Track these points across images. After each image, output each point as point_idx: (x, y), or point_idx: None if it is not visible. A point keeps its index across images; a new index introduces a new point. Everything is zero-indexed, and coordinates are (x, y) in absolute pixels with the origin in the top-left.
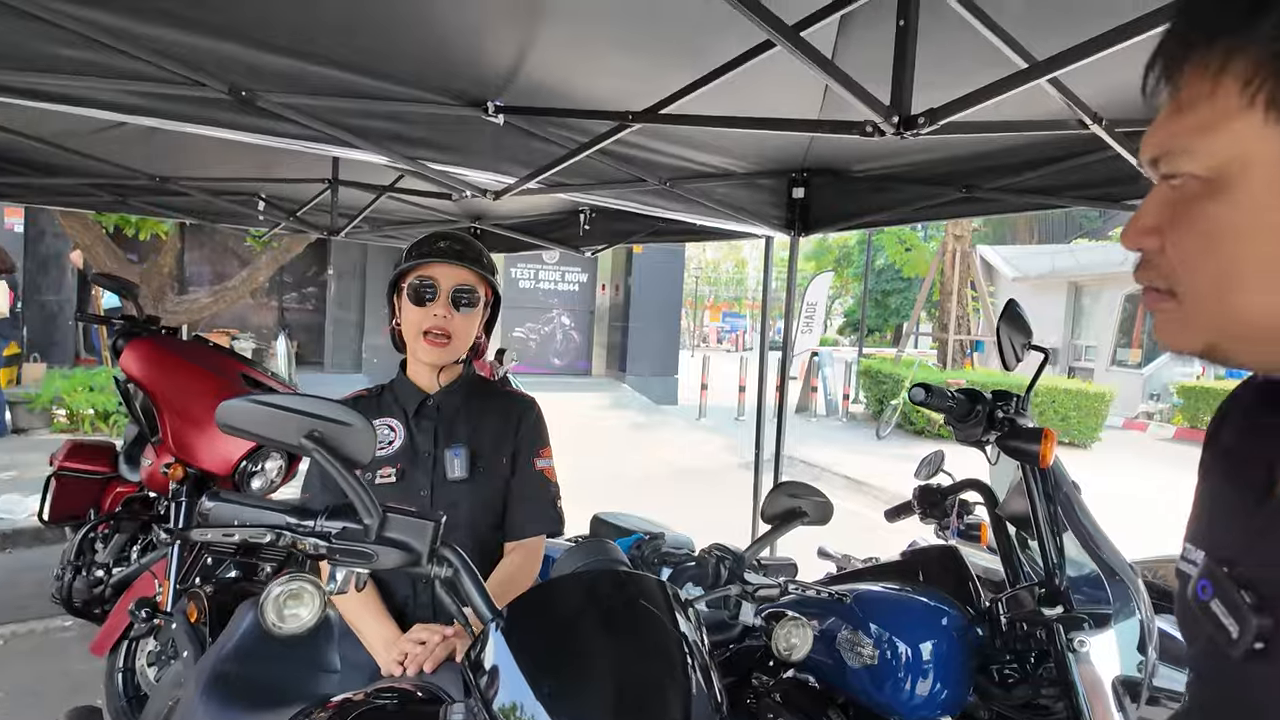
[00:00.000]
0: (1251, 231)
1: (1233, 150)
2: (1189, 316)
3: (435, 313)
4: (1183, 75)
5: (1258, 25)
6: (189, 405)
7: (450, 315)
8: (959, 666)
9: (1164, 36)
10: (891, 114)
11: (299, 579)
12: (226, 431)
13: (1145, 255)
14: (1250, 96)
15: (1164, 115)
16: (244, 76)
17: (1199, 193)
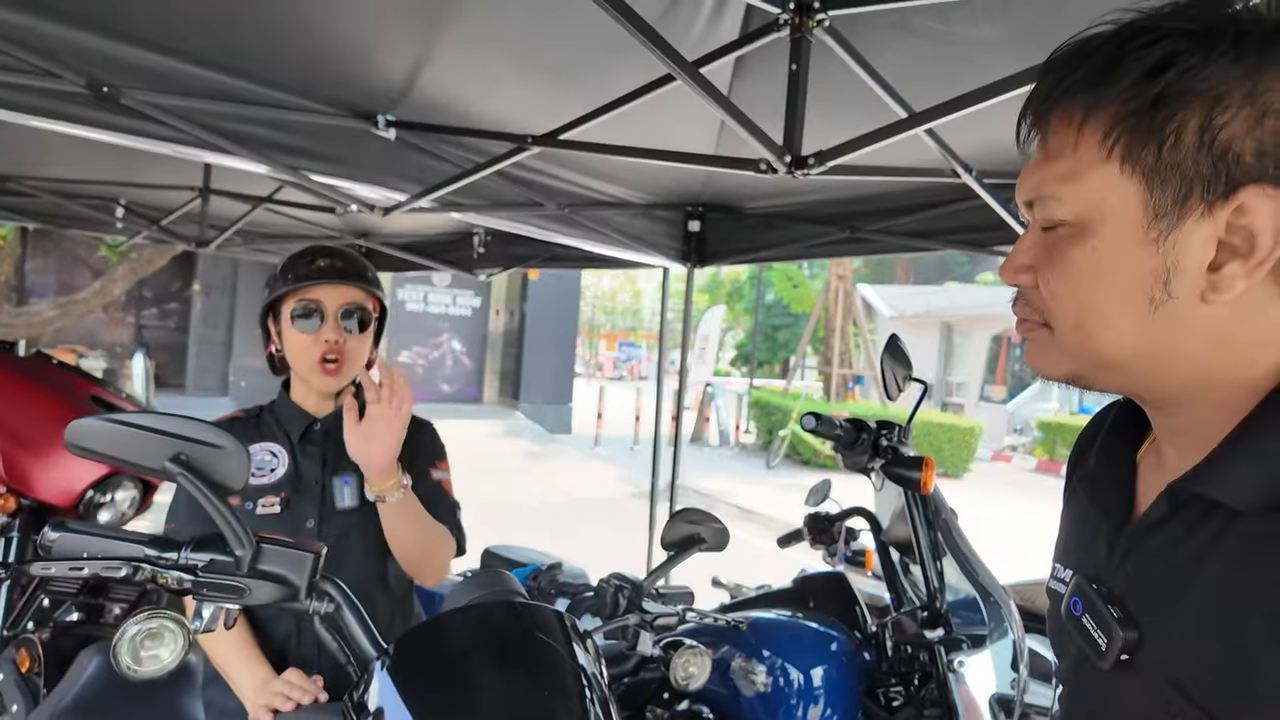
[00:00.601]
0: (1109, 272)
1: (1093, 198)
2: (1058, 346)
3: (326, 338)
4: (1049, 126)
5: (1113, 84)
6: (25, 428)
7: (342, 338)
8: (848, 691)
9: (1033, 89)
10: (784, 153)
11: (158, 616)
12: (77, 454)
13: (1021, 290)
14: (1108, 149)
15: (1035, 161)
16: (105, 70)
17: (1066, 236)
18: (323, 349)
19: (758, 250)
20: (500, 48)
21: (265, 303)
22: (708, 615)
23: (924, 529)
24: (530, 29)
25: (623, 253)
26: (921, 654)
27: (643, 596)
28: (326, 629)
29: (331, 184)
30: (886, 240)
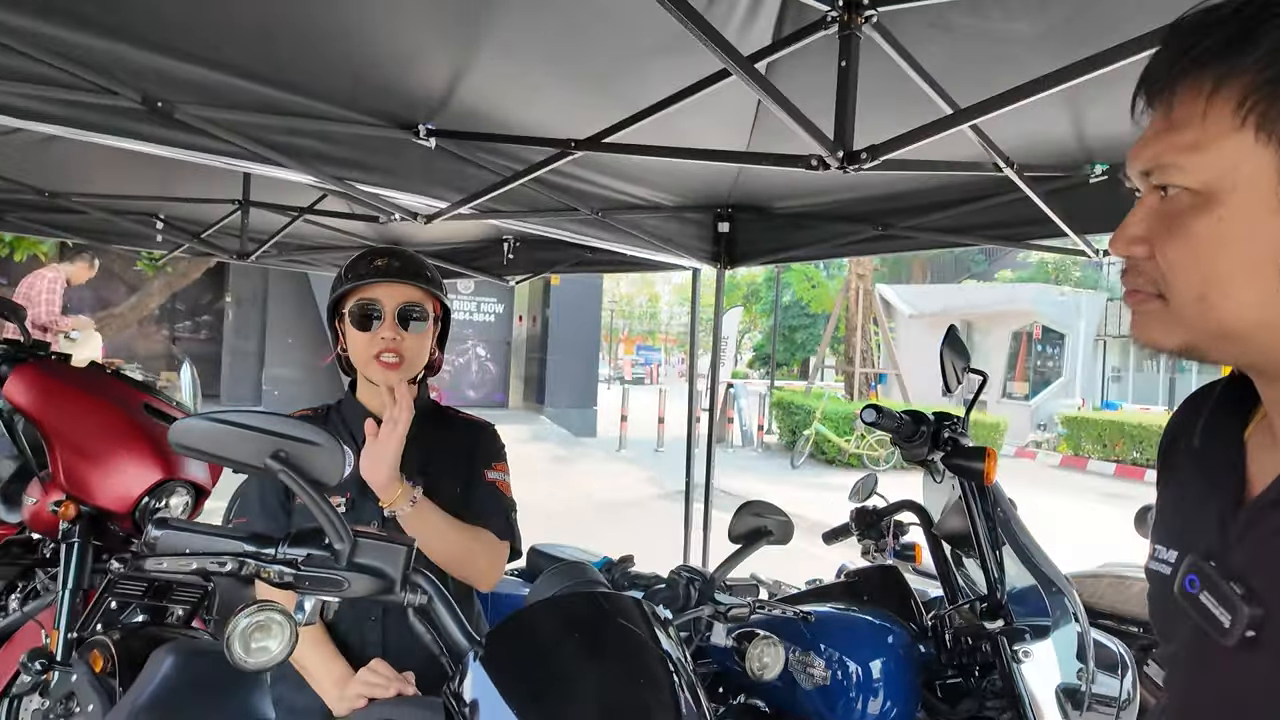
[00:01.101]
0: (1237, 242)
1: (1222, 167)
2: (1173, 317)
3: (383, 335)
4: (1175, 96)
5: (1247, 54)
6: (85, 438)
7: (400, 336)
8: (907, 684)
9: (1153, 60)
10: (836, 148)
11: (267, 609)
12: (181, 453)
13: (1132, 261)
14: (1242, 118)
15: (1154, 132)
16: (158, 85)
17: (1188, 206)
18: (380, 347)
19: (788, 250)
20: (538, 56)
21: (329, 303)
22: (776, 607)
23: (982, 520)
24: (567, 37)
25: (654, 255)
26: (984, 645)
27: (714, 588)
28: (419, 620)
29: (376, 193)
30: (920, 237)
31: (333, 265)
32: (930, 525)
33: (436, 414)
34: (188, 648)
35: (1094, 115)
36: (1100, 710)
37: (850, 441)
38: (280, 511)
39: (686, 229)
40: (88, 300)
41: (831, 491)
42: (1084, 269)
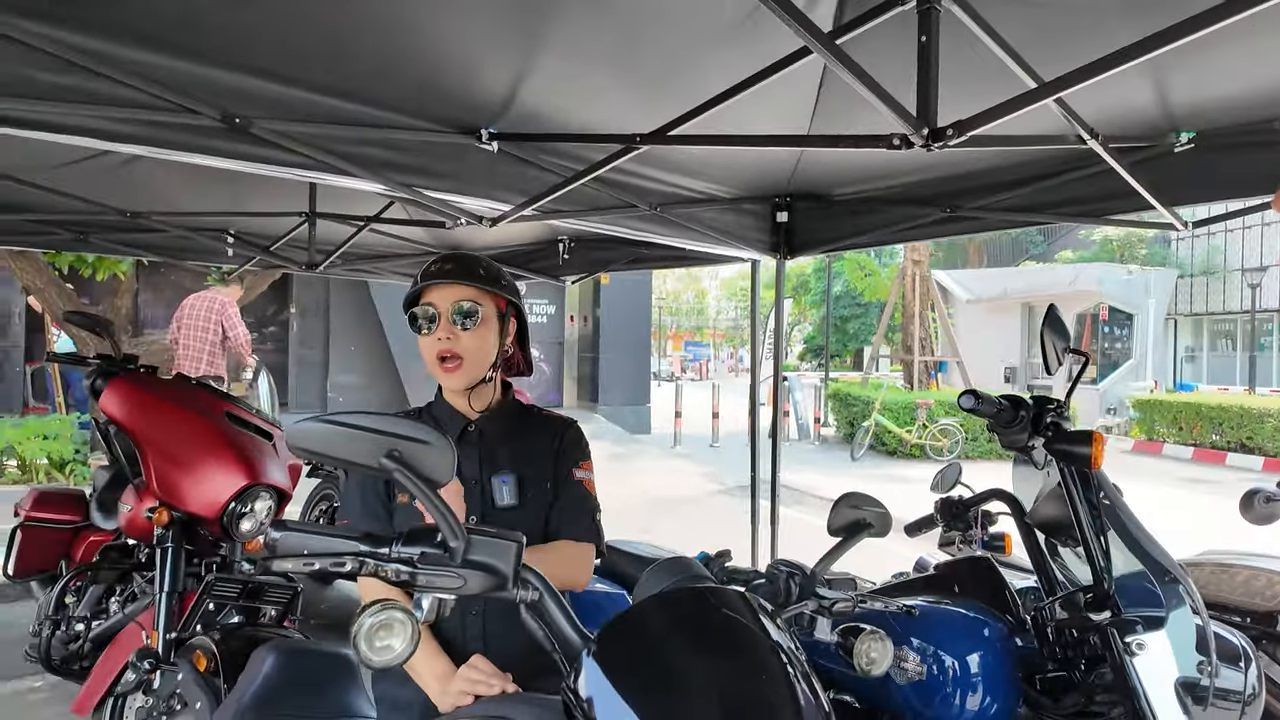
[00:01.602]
0: None
1: None
2: None
3: (439, 337)
4: None
5: None
6: (175, 446)
7: (454, 336)
8: (1006, 678)
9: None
10: (921, 126)
11: (389, 608)
12: (298, 455)
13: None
14: None
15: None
16: (235, 103)
17: None
18: (438, 349)
19: (850, 237)
20: (597, 55)
21: (407, 316)
22: (879, 601)
23: (1085, 507)
24: (626, 35)
25: (712, 248)
26: (1091, 638)
27: (815, 583)
28: (531, 616)
29: (443, 199)
30: (990, 217)
31: (394, 273)
32: (1022, 514)
33: (523, 413)
34: (287, 646)
35: (1179, 82)
36: (1222, 706)
37: (911, 432)
38: (381, 510)
39: (744, 220)
40: (160, 316)
41: (895, 483)
42: (1150, 246)
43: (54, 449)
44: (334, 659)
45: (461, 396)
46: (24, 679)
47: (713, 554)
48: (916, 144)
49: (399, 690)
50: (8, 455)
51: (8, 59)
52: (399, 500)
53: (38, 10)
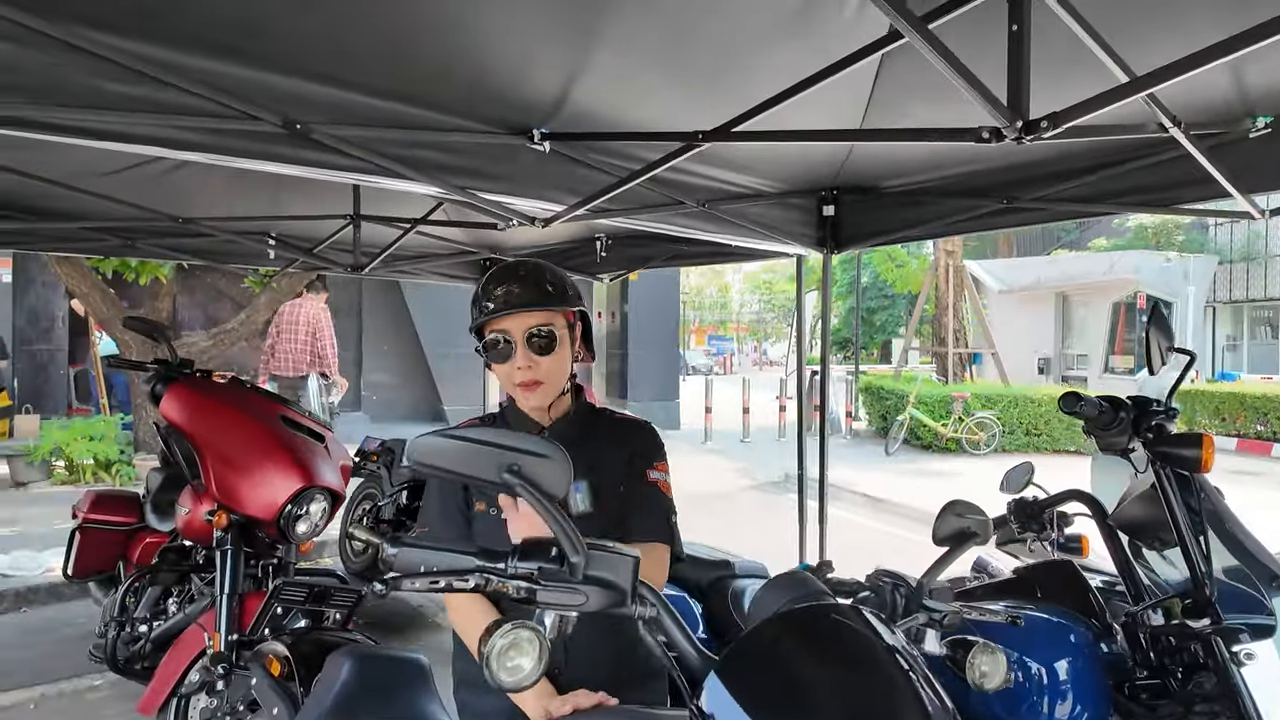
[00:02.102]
0: None
1: None
2: None
3: (518, 366)
4: None
5: None
6: (233, 450)
7: (533, 363)
8: (1095, 685)
9: None
10: (1014, 118)
11: (519, 627)
12: (419, 470)
13: None
14: None
15: None
16: (295, 108)
17: None
18: (518, 376)
19: (899, 230)
20: (651, 53)
21: (472, 330)
22: (985, 611)
23: (1183, 511)
24: (680, 31)
25: (758, 243)
26: (1192, 645)
27: (922, 594)
28: (650, 633)
29: (496, 200)
30: (1052, 208)
31: (433, 273)
32: (1104, 516)
33: (593, 415)
34: (361, 652)
35: (1255, 65)
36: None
37: (947, 426)
38: (461, 520)
39: (790, 214)
40: (198, 318)
41: (931, 478)
42: (1188, 232)
43: (100, 449)
44: (408, 664)
45: (539, 408)
46: (84, 677)
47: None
48: (1009, 137)
49: (479, 699)
50: (56, 456)
51: (80, 71)
52: (476, 509)
53: (108, 22)
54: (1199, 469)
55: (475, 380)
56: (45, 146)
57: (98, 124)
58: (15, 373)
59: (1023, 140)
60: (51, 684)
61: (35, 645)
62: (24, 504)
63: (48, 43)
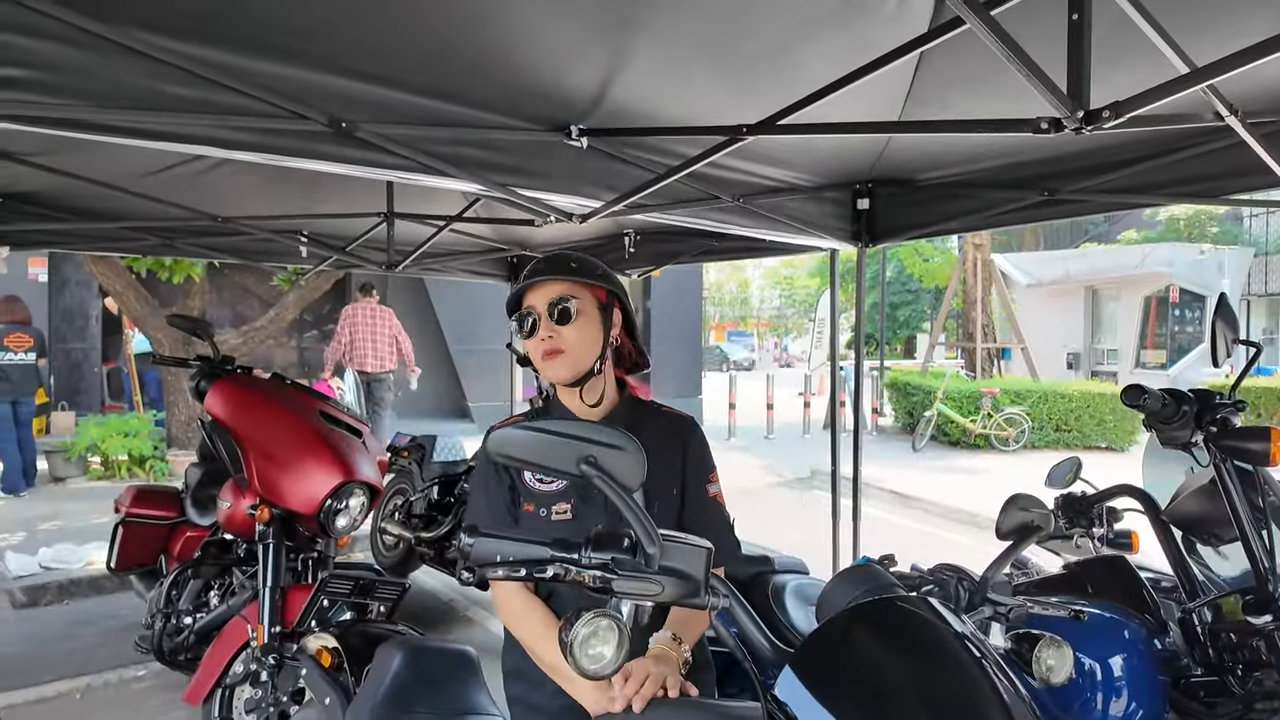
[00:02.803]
0: None
1: None
2: None
3: (541, 336)
4: None
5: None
6: (275, 445)
7: (554, 333)
8: (1150, 681)
9: None
10: (1075, 108)
11: (600, 616)
12: (501, 461)
13: None
14: None
15: None
16: (341, 107)
17: None
18: (542, 348)
19: (935, 224)
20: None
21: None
22: (1049, 605)
23: (1244, 505)
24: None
25: (793, 238)
26: (1254, 641)
27: (986, 588)
28: (723, 625)
29: (536, 197)
30: (1094, 200)
31: (463, 270)
32: (1157, 511)
33: (638, 408)
34: (412, 644)
35: None
36: None
37: (976, 422)
38: (508, 517)
39: (825, 208)
40: (227, 316)
41: (959, 474)
42: (1221, 224)
43: (134, 446)
44: (457, 656)
45: (572, 394)
46: (128, 668)
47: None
48: (1069, 127)
49: (533, 693)
50: (92, 452)
51: (136, 73)
52: (525, 509)
53: (165, 26)
54: (1267, 463)
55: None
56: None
57: (155, 125)
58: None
59: (1083, 130)
60: (97, 674)
61: (79, 636)
62: (63, 499)
63: (107, 46)
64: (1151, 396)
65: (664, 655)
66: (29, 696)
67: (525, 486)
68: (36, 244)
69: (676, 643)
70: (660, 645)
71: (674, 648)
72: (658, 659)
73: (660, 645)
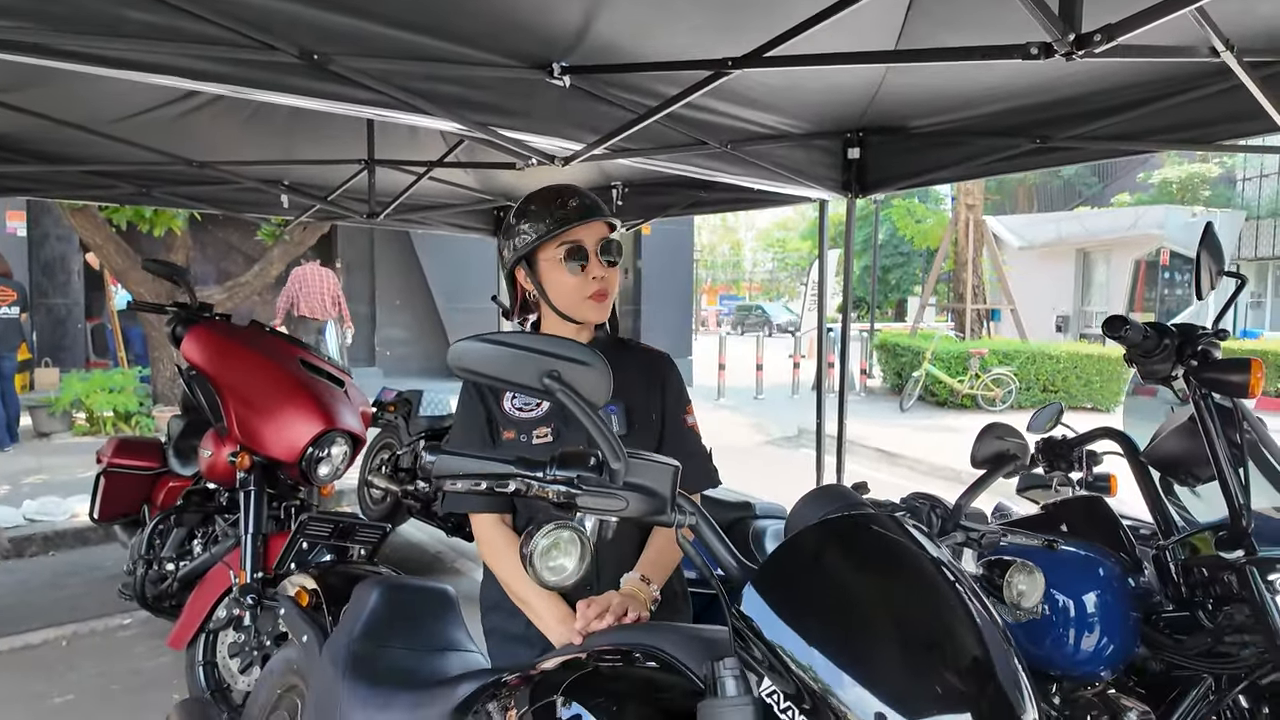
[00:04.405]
0: None
1: None
2: None
3: (594, 275)
4: None
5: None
6: (254, 393)
7: (606, 273)
8: (1123, 617)
9: None
10: (1066, 31)
11: (562, 527)
12: (461, 374)
13: None
14: None
15: None
16: (313, 39)
17: None
18: (592, 288)
19: (927, 172)
20: None
21: (522, 252)
22: (1020, 534)
23: (1222, 441)
24: None
25: (781, 187)
26: (1225, 576)
27: (960, 515)
28: (688, 544)
29: (517, 138)
30: (1088, 147)
31: (446, 223)
32: (1136, 452)
33: (619, 345)
34: (388, 582)
35: None
36: None
37: (964, 382)
38: (484, 443)
39: (814, 156)
40: (211, 272)
41: (946, 434)
42: (1215, 187)
43: (119, 401)
44: (434, 593)
45: (573, 331)
46: (113, 616)
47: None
48: (1059, 52)
49: (509, 623)
50: (76, 408)
51: None
52: (505, 437)
53: None
54: (1245, 394)
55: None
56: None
57: (117, 52)
58: (34, 326)
59: (1074, 56)
60: (82, 622)
61: (65, 586)
62: (48, 453)
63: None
64: (1133, 328)
65: (632, 594)
66: (15, 644)
67: (505, 414)
68: (6, 190)
69: (645, 583)
70: (629, 585)
71: (642, 588)
72: (625, 596)
73: (629, 585)
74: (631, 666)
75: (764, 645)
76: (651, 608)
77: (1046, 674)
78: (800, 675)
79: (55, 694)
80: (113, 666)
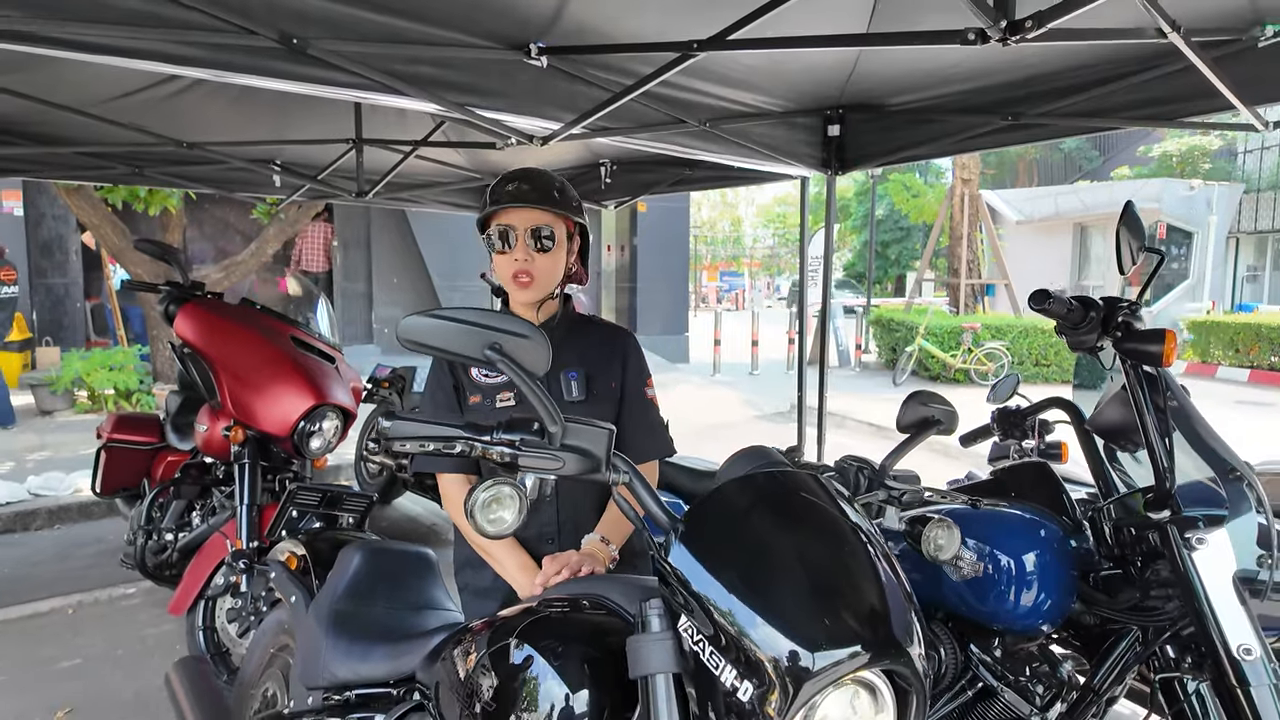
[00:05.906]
0: None
1: None
2: None
3: (516, 257)
4: None
5: None
6: (246, 369)
7: (530, 258)
8: (1061, 575)
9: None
10: (998, 18)
11: (499, 483)
12: (409, 347)
13: None
14: None
15: None
16: (292, 23)
17: None
18: (514, 268)
19: (905, 149)
20: None
21: (477, 221)
22: (945, 495)
23: (1149, 408)
24: None
25: (762, 164)
26: (1150, 535)
27: (884, 476)
28: (621, 499)
29: (495, 118)
30: (1056, 124)
31: (437, 201)
32: (1082, 421)
33: (581, 321)
34: (371, 546)
35: None
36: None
37: (956, 357)
38: (448, 409)
39: (794, 134)
40: (208, 251)
41: None
42: (1215, 160)
43: (119, 379)
44: (415, 557)
45: (527, 309)
46: (118, 587)
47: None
48: (993, 37)
49: (478, 577)
50: (78, 386)
51: None
52: (471, 401)
53: None
54: (1160, 363)
55: None
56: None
57: (97, 38)
58: (34, 305)
59: (1008, 41)
60: (88, 593)
61: (70, 558)
62: (51, 431)
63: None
64: (1056, 301)
65: (590, 552)
66: (24, 612)
67: (471, 380)
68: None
69: (605, 544)
70: (589, 545)
71: (601, 548)
72: (584, 554)
73: (589, 545)
74: (579, 613)
75: (685, 590)
76: (610, 565)
77: (990, 628)
78: (719, 618)
79: (64, 659)
80: (118, 633)
